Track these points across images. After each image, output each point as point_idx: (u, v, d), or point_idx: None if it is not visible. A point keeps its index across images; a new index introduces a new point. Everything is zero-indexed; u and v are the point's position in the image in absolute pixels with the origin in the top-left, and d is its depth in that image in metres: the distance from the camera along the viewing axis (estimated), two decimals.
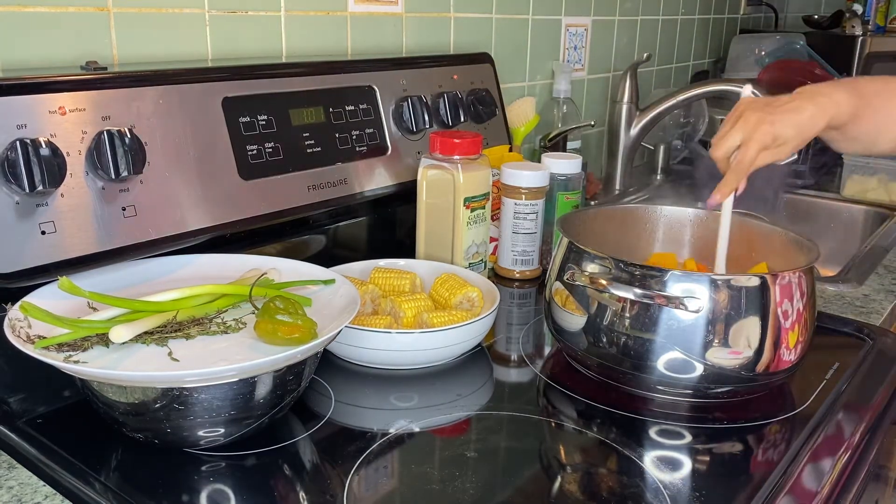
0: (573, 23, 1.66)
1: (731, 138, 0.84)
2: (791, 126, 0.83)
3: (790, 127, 0.83)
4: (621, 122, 1.65)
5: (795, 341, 0.78)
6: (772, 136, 0.83)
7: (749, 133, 0.83)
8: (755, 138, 0.83)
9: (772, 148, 0.84)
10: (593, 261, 0.80)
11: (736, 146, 0.84)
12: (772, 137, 0.83)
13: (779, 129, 0.83)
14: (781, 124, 0.83)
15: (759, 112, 0.84)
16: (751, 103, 0.86)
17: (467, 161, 1.01)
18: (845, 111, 0.85)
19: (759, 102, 0.86)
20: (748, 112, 0.85)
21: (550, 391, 0.83)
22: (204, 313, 0.74)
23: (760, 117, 0.83)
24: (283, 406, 0.70)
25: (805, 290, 0.78)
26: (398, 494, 0.64)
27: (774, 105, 0.85)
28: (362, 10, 1.16)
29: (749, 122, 0.84)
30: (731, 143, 0.84)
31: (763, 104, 0.85)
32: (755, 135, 0.83)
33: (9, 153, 0.69)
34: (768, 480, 0.67)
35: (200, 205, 0.84)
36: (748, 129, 0.84)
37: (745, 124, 0.84)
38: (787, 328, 0.76)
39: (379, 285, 0.93)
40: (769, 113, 0.84)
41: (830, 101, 0.85)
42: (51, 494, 0.62)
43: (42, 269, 0.72)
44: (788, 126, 0.83)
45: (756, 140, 0.83)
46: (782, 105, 0.85)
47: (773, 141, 0.83)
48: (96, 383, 0.64)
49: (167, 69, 0.84)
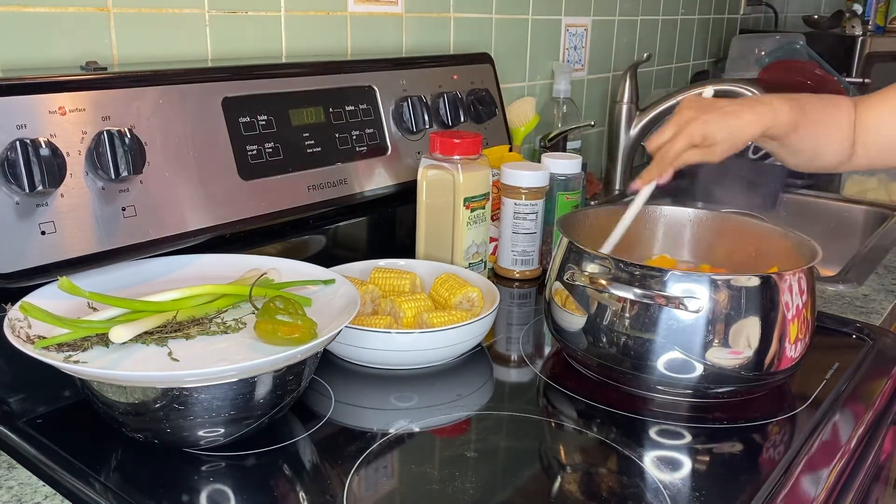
0: (573, 23, 1.66)
1: (665, 131, 0.87)
2: (722, 128, 0.85)
3: (721, 129, 0.85)
4: (621, 122, 1.65)
5: (795, 341, 0.78)
6: (701, 134, 0.84)
7: (680, 128, 0.85)
8: (684, 133, 0.85)
9: (701, 147, 0.85)
10: (593, 261, 0.80)
11: (667, 140, 0.86)
12: (701, 136, 0.84)
13: (709, 129, 0.84)
14: (713, 125, 0.85)
15: (695, 110, 0.86)
16: (691, 102, 0.88)
17: (467, 161, 1.01)
18: (784, 122, 0.87)
19: (700, 102, 0.88)
20: (685, 109, 0.87)
21: (550, 391, 0.83)
22: (204, 313, 0.74)
23: (694, 115, 0.85)
24: (283, 406, 0.70)
25: (805, 289, 0.78)
26: (398, 494, 0.64)
27: (713, 106, 0.87)
28: (362, 10, 1.16)
29: (683, 117, 0.86)
30: (665, 136, 0.86)
31: (703, 104, 0.87)
32: (685, 130, 0.85)
33: (9, 153, 0.69)
34: (768, 480, 0.67)
35: (200, 205, 0.84)
36: (680, 124, 0.86)
37: (679, 120, 0.86)
38: (787, 328, 0.76)
39: (379, 285, 0.93)
40: (704, 112, 0.85)
41: (770, 110, 0.86)
42: (51, 494, 0.62)
43: (42, 269, 0.72)
44: (719, 127, 0.85)
45: (685, 135, 0.85)
46: (721, 108, 0.86)
47: (703, 140, 0.85)
48: (96, 383, 0.64)
49: (167, 69, 0.84)
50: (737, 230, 0.94)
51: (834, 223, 1.69)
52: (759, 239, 0.92)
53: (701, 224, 0.98)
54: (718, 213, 0.97)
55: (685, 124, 0.85)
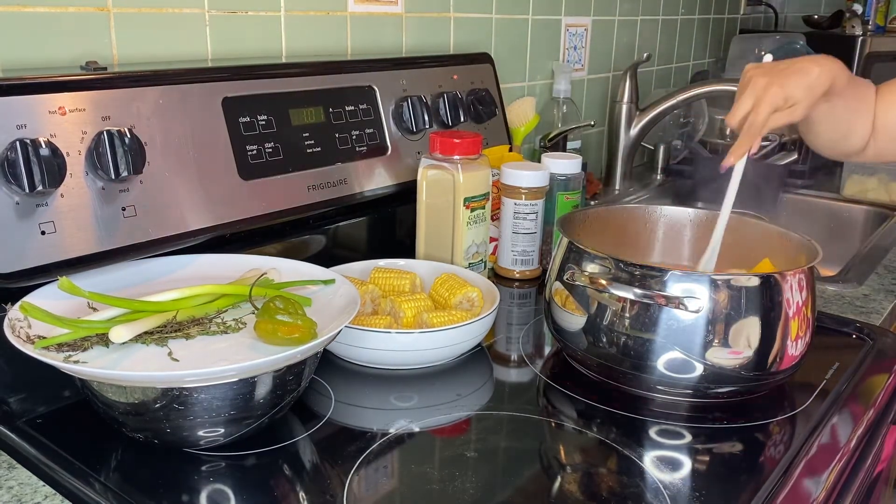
0: (573, 23, 1.66)
1: (743, 104, 0.86)
2: (800, 86, 0.85)
3: (799, 87, 0.85)
4: (621, 122, 1.65)
5: (795, 341, 0.78)
6: (782, 97, 0.85)
7: (759, 96, 0.85)
8: (766, 100, 0.85)
9: (783, 109, 0.86)
10: (593, 261, 0.80)
11: (748, 111, 0.86)
12: (783, 98, 0.85)
13: (789, 91, 0.85)
14: (792, 86, 0.85)
15: (768, 76, 0.86)
16: (757, 68, 0.88)
17: (467, 161, 1.01)
18: (843, 78, 0.88)
19: (766, 67, 0.88)
20: (756, 77, 0.87)
21: (550, 391, 0.83)
22: (204, 313, 0.74)
23: (769, 80, 0.85)
24: (283, 406, 0.70)
25: (805, 289, 0.78)
26: (398, 494, 0.64)
27: (780, 68, 0.87)
28: (362, 10, 1.16)
29: (758, 85, 0.86)
30: (744, 108, 0.86)
31: (769, 68, 0.87)
32: (766, 97, 0.85)
33: (9, 153, 0.69)
34: (768, 480, 0.67)
35: (200, 205, 0.84)
36: (758, 92, 0.86)
37: (755, 88, 0.86)
38: (787, 328, 0.76)
39: (379, 285, 0.93)
40: (776, 76, 0.86)
41: (830, 63, 0.88)
42: (51, 494, 0.62)
43: (42, 269, 0.72)
44: (798, 87, 0.85)
45: (766, 102, 0.85)
46: (788, 68, 0.87)
47: (785, 102, 0.85)
48: (96, 383, 0.64)
49: (167, 69, 0.84)
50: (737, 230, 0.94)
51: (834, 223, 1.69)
52: (759, 239, 0.92)
53: (701, 224, 0.98)
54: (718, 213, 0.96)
55: (764, 91, 0.85)
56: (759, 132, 0.86)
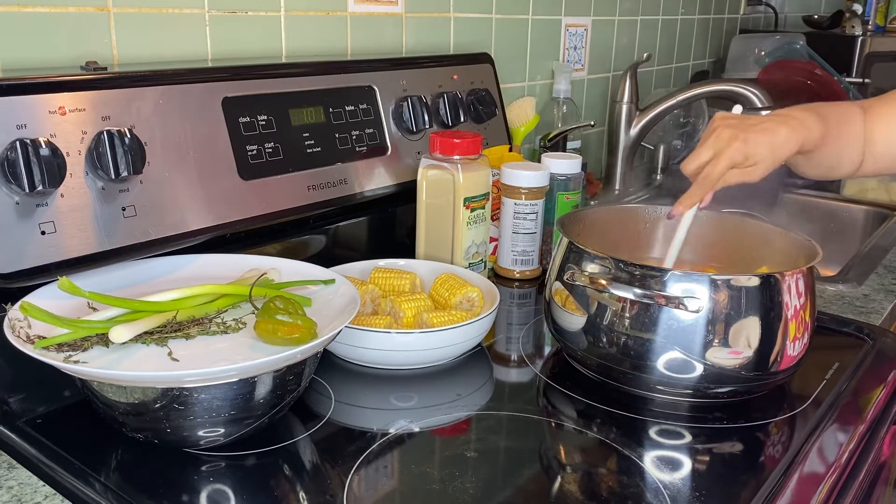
0: (573, 23, 1.66)
1: (702, 153, 0.84)
2: (764, 146, 0.82)
3: (763, 146, 0.82)
4: (621, 122, 1.65)
5: (795, 341, 0.78)
6: (743, 154, 0.82)
7: (720, 148, 0.82)
8: (726, 154, 0.82)
9: (742, 167, 0.83)
10: (593, 261, 0.80)
11: (707, 161, 0.83)
12: (743, 156, 0.82)
13: (751, 148, 0.82)
14: (755, 143, 0.82)
15: (733, 129, 0.83)
16: (725, 119, 0.85)
17: (467, 161, 1.01)
18: (815, 135, 0.85)
19: (734, 119, 0.85)
20: (721, 128, 0.84)
21: (550, 391, 0.83)
22: (204, 313, 0.74)
23: (734, 134, 0.82)
24: (283, 406, 0.70)
25: (805, 290, 0.78)
26: (398, 494, 0.64)
27: (748, 124, 0.84)
28: (362, 10, 1.16)
29: (721, 137, 0.83)
30: (703, 158, 0.83)
31: (738, 121, 0.85)
32: (727, 151, 0.82)
33: (9, 153, 0.69)
34: (768, 480, 0.67)
35: (200, 205, 0.84)
36: (720, 144, 0.83)
37: (718, 140, 0.83)
38: (787, 328, 0.76)
39: (379, 285, 0.93)
40: (743, 130, 0.83)
41: (802, 125, 0.84)
42: (51, 494, 0.62)
43: (42, 269, 0.72)
44: (761, 146, 0.82)
45: (727, 156, 0.82)
46: (756, 125, 0.84)
47: (745, 160, 0.82)
48: (96, 383, 0.64)
49: (167, 69, 0.84)
50: (737, 230, 0.94)
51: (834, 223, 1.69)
52: (759, 239, 0.92)
53: (701, 224, 0.98)
54: (718, 213, 0.96)
55: (726, 145, 0.82)
56: (712, 186, 0.83)
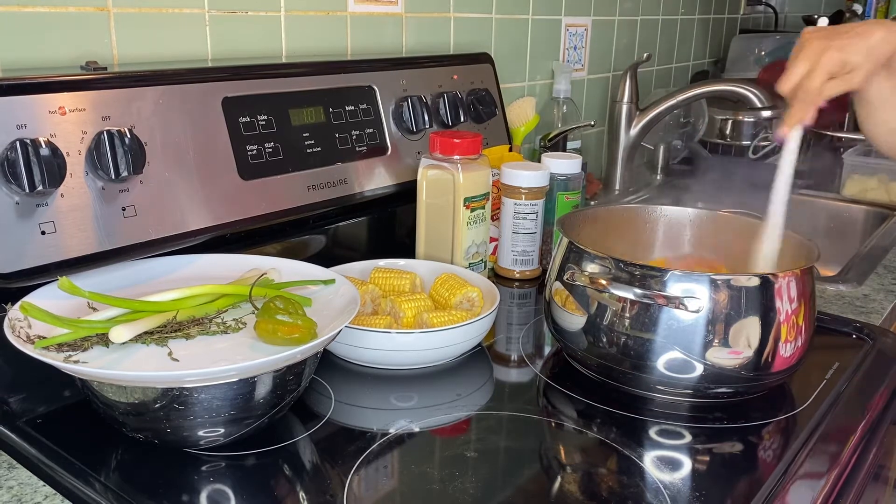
0: (573, 23, 1.66)
1: (797, 68, 0.80)
2: (859, 50, 0.79)
3: (859, 51, 0.79)
4: (621, 122, 1.65)
5: (795, 341, 0.78)
6: (839, 62, 0.79)
7: (815, 60, 0.79)
8: (821, 65, 0.79)
9: (841, 75, 0.79)
10: (593, 261, 0.80)
11: (802, 76, 0.80)
12: (839, 63, 0.79)
13: (847, 55, 0.79)
14: (850, 49, 0.79)
15: (824, 39, 0.80)
16: (814, 31, 0.82)
17: (467, 161, 1.01)
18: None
19: (823, 30, 0.82)
20: (812, 40, 0.80)
21: (550, 391, 0.83)
22: (204, 313, 0.74)
23: (825, 44, 0.79)
24: (283, 406, 0.70)
25: (805, 290, 0.78)
26: (398, 494, 0.64)
27: (839, 31, 0.80)
28: (362, 10, 1.16)
29: (813, 49, 0.80)
30: (798, 73, 0.80)
31: (827, 31, 0.81)
32: (821, 61, 0.79)
33: (9, 153, 0.69)
34: (768, 480, 0.67)
35: (200, 205, 0.84)
36: (813, 56, 0.79)
37: (810, 52, 0.80)
38: (787, 328, 0.76)
39: (379, 285, 0.93)
40: (834, 38, 0.79)
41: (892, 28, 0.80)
42: (51, 494, 0.62)
43: (42, 269, 0.72)
44: (857, 50, 0.79)
45: (822, 67, 0.79)
46: (849, 31, 0.80)
47: (842, 67, 0.79)
48: (96, 383, 0.64)
49: (167, 69, 0.84)
50: (737, 230, 0.94)
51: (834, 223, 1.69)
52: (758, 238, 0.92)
53: (701, 224, 0.98)
54: (718, 213, 0.96)
55: (818, 55, 0.78)
56: (814, 100, 0.80)
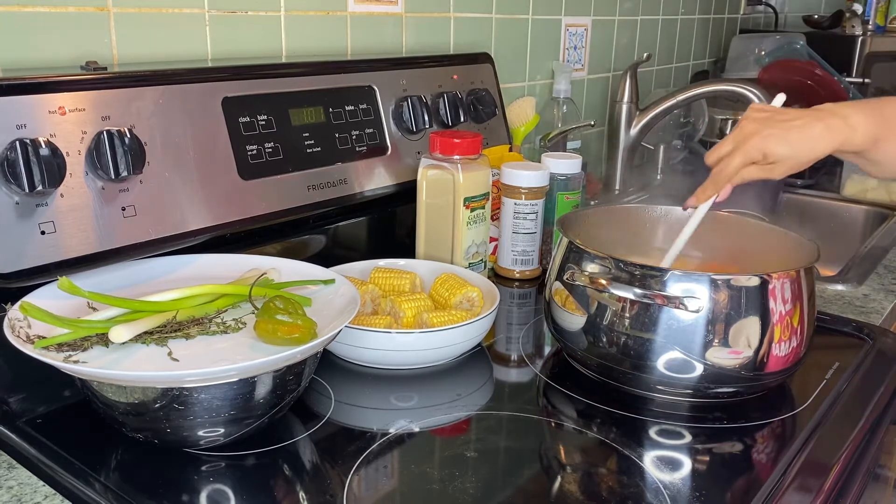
0: (573, 23, 1.66)
1: (724, 146, 0.81)
2: (785, 145, 0.78)
3: (784, 145, 0.78)
4: (621, 122, 1.65)
5: (795, 341, 0.78)
6: (760, 151, 0.78)
7: (739, 143, 0.80)
8: (742, 150, 0.79)
9: (761, 164, 0.79)
10: (593, 261, 0.80)
11: (726, 154, 0.81)
12: (760, 153, 0.78)
13: (771, 146, 0.78)
14: (775, 141, 0.78)
15: (757, 124, 0.79)
16: (755, 112, 0.82)
17: (467, 161, 1.01)
18: (861, 136, 0.78)
19: (764, 113, 0.81)
20: (747, 121, 0.81)
21: (550, 391, 0.83)
22: (204, 313, 0.74)
23: (756, 129, 0.79)
24: (283, 406, 0.70)
25: (805, 290, 0.78)
26: (398, 494, 0.64)
27: (778, 119, 0.79)
28: (362, 10, 1.16)
29: (743, 132, 0.80)
30: (723, 151, 0.81)
31: (767, 115, 0.80)
32: (744, 146, 0.79)
33: (8, 153, 0.69)
34: (768, 480, 0.67)
35: (200, 205, 0.84)
36: (739, 139, 0.80)
37: (739, 134, 0.80)
38: (787, 328, 0.76)
39: (379, 285, 0.93)
40: (767, 126, 0.79)
41: (845, 125, 0.78)
42: (50, 494, 0.62)
43: (42, 269, 0.72)
44: (782, 144, 0.78)
45: (743, 152, 0.79)
46: (787, 120, 0.79)
47: (763, 157, 0.79)
48: (96, 383, 0.64)
49: (167, 69, 0.84)
50: (737, 230, 0.94)
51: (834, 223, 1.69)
52: (759, 239, 0.92)
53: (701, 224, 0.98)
54: (718, 213, 0.96)
55: (744, 140, 0.79)
56: (726, 181, 0.80)
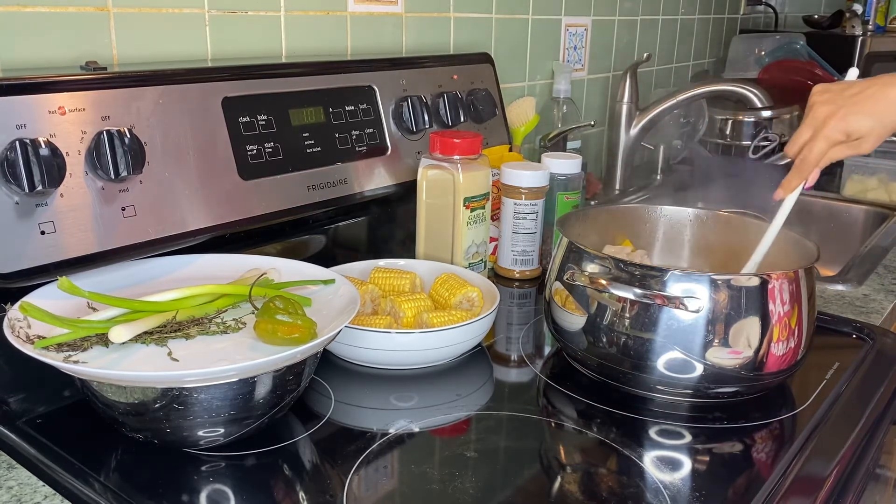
0: (573, 23, 1.66)
1: (802, 133, 0.79)
2: (866, 117, 0.75)
3: (865, 118, 0.75)
4: (621, 122, 1.65)
5: (795, 341, 0.78)
6: (842, 131, 0.76)
7: (818, 128, 0.77)
8: (822, 134, 0.77)
9: (847, 142, 0.77)
10: (593, 261, 0.80)
11: (806, 141, 0.79)
12: (843, 133, 0.76)
13: (852, 124, 0.76)
14: (855, 117, 0.75)
15: (829, 105, 0.77)
16: (822, 93, 0.79)
17: (467, 161, 1.01)
18: None
19: (831, 92, 0.79)
20: (817, 105, 0.78)
21: (550, 391, 0.83)
22: (204, 313, 0.74)
23: (830, 111, 0.77)
24: (283, 406, 0.70)
25: (805, 290, 0.78)
26: (398, 494, 0.64)
27: (847, 94, 0.77)
28: (362, 9, 1.16)
29: (817, 116, 0.78)
30: (802, 138, 0.79)
31: (835, 93, 0.78)
32: (823, 130, 0.77)
33: (8, 153, 0.69)
34: (768, 480, 0.67)
35: (200, 205, 0.84)
36: (817, 124, 0.77)
37: (814, 119, 0.78)
38: (786, 328, 0.76)
39: (379, 285, 0.93)
40: (840, 105, 0.77)
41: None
42: (50, 494, 0.62)
43: (42, 269, 0.72)
44: (863, 118, 0.75)
45: (824, 136, 0.77)
46: (857, 93, 0.77)
47: (847, 136, 0.76)
48: (96, 383, 0.64)
49: (167, 69, 0.84)
50: (737, 230, 0.94)
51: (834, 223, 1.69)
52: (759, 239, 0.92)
53: (701, 224, 0.98)
54: (718, 213, 0.97)
55: (823, 123, 0.76)
56: (811, 168, 0.78)
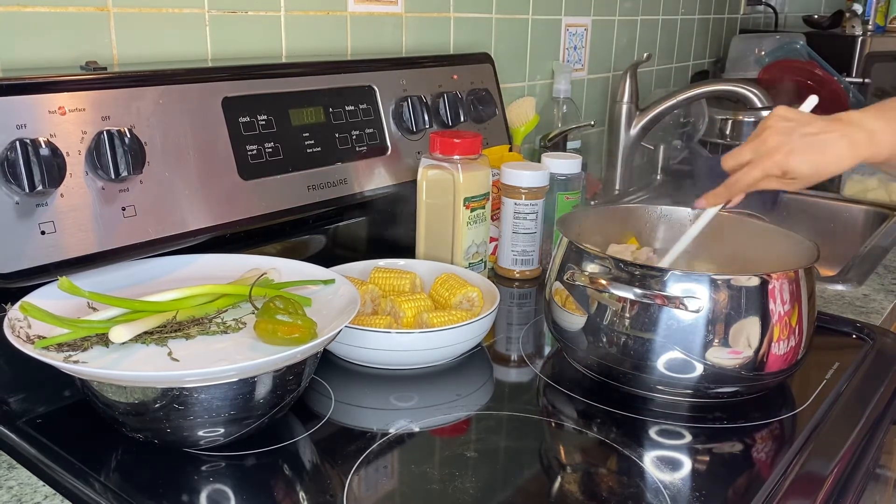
0: (573, 23, 1.66)
1: (743, 153, 0.79)
2: (808, 164, 0.75)
3: (806, 164, 0.75)
4: (621, 122, 1.65)
5: (795, 341, 0.78)
6: (782, 169, 0.76)
7: (760, 156, 0.77)
8: (762, 165, 0.77)
9: (781, 179, 0.77)
10: (593, 261, 0.80)
11: (745, 163, 0.79)
12: (781, 171, 0.76)
13: (793, 165, 0.75)
14: (798, 160, 0.75)
15: (781, 136, 0.77)
16: (780, 119, 0.79)
17: (467, 161, 1.01)
18: (886, 151, 0.77)
19: (790, 122, 0.78)
20: (770, 132, 0.78)
21: (550, 391, 0.83)
22: (204, 313, 0.74)
23: (779, 144, 0.76)
24: (283, 406, 0.70)
25: (805, 289, 0.78)
26: (398, 494, 0.64)
27: (803, 131, 0.76)
28: (362, 10, 1.16)
29: (766, 144, 0.77)
30: (742, 158, 0.79)
31: (793, 125, 0.77)
32: (765, 161, 0.77)
33: (8, 153, 0.69)
34: (768, 480, 0.67)
35: (200, 205, 0.84)
36: (761, 151, 0.77)
37: (762, 146, 0.78)
38: (786, 328, 0.76)
39: (379, 285, 0.93)
40: (790, 141, 0.76)
41: (868, 139, 0.76)
42: (50, 494, 0.62)
43: (42, 269, 0.72)
44: (804, 163, 0.75)
45: (762, 167, 0.77)
46: (811, 134, 0.76)
47: (783, 174, 0.77)
48: (96, 383, 0.64)
49: (167, 69, 0.84)
50: (737, 230, 0.94)
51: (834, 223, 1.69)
52: (759, 239, 0.92)
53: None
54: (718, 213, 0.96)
55: (767, 154, 0.76)
56: (740, 192, 0.79)
